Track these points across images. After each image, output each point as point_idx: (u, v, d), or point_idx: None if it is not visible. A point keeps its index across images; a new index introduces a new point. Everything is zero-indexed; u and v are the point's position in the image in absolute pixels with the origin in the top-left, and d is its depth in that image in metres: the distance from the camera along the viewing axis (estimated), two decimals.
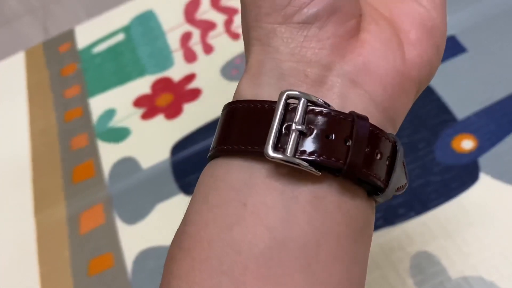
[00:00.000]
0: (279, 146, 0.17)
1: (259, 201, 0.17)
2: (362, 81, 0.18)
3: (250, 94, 0.19)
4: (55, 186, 0.49)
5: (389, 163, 0.18)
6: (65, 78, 0.58)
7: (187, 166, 0.46)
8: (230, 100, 0.20)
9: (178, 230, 0.19)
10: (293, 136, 0.17)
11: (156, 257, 0.42)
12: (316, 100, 0.17)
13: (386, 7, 0.20)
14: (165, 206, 0.44)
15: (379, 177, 0.18)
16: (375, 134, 0.18)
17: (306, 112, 0.17)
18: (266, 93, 0.18)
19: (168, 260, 0.19)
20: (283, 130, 0.17)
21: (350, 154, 0.17)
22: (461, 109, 0.42)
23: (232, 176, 0.18)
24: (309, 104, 0.17)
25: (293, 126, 0.17)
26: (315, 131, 0.17)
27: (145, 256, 0.42)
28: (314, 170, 0.17)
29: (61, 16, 0.66)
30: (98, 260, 0.43)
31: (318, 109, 0.17)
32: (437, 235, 0.36)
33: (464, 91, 0.43)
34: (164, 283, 0.18)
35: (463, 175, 0.38)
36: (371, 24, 0.19)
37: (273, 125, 0.17)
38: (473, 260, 0.34)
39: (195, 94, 0.51)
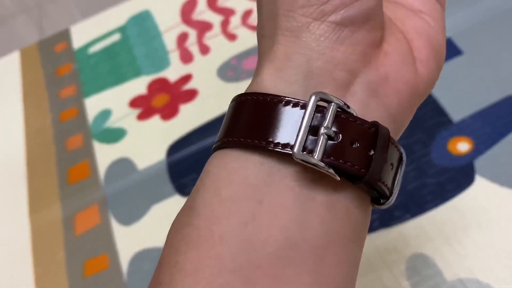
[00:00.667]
0: (304, 147, 0.17)
1: (275, 200, 0.17)
2: (381, 92, 0.18)
3: (274, 87, 0.18)
4: (50, 187, 0.48)
5: (394, 171, 0.19)
6: (60, 78, 0.58)
7: (183, 167, 0.46)
8: (227, 101, 0.20)
9: (180, 220, 0.18)
10: (321, 139, 0.17)
11: (151, 258, 0.41)
12: (345, 107, 0.17)
13: (399, 20, 0.21)
14: (161, 207, 0.44)
15: (388, 186, 0.18)
16: (391, 146, 0.18)
17: (335, 116, 0.17)
18: (291, 90, 0.18)
19: (171, 252, 0.18)
20: (310, 131, 0.17)
21: (373, 164, 0.17)
22: (457, 111, 0.42)
23: (250, 171, 0.17)
24: (337, 109, 0.17)
25: (322, 130, 0.17)
26: (342, 137, 0.17)
27: (140, 257, 0.42)
28: (336, 175, 0.17)
29: (56, 16, 0.66)
30: (93, 261, 0.43)
31: (346, 115, 0.17)
32: (432, 237, 0.36)
33: (460, 93, 0.43)
34: (164, 276, 0.17)
35: (459, 177, 0.38)
36: (391, 36, 0.19)
37: (302, 125, 0.17)
38: (468, 262, 0.35)
39: (191, 94, 0.51)
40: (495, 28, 0.46)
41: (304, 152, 0.17)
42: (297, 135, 0.17)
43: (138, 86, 0.54)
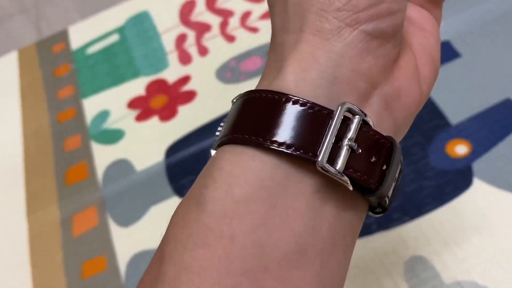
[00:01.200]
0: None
1: (289, 205, 0.17)
2: (393, 105, 0.19)
3: (296, 88, 0.17)
4: (48, 188, 0.48)
5: (395, 184, 0.19)
6: (58, 79, 0.58)
7: (182, 168, 0.46)
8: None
9: (186, 215, 0.18)
10: (344, 151, 0.17)
11: (149, 260, 0.41)
12: (368, 120, 0.17)
13: (409, 37, 0.21)
14: (159, 209, 0.44)
15: (389, 198, 0.19)
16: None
17: (359, 129, 0.17)
18: (314, 93, 0.17)
19: (177, 247, 0.17)
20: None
21: (387, 180, 0.17)
22: (455, 114, 0.42)
23: (265, 173, 0.17)
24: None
25: (346, 141, 0.17)
26: (361, 150, 0.17)
27: (138, 259, 0.42)
28: (350, 186, 0.17)
29: (54, 16, 0.66)
30: (91, 263, 0.43)
31: (367, 129, 0.17)
32: (431, 239, 0.36)
33: (458, 96, 0.43)
34: (167, 270, 0.17)
35: (457, 180, 0.38)
36: (404, 52, 0.20)
37: (328, 135, 0.17)
38: (466, 265, 0.35)
39: (190, 96, 0.51)
40: (493, 31, 0.46)
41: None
42: (323, 144, 0.17)
43: (137, 87, 0.54)
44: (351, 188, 0.17)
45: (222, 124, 0.20)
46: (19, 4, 0.69)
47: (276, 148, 0.17)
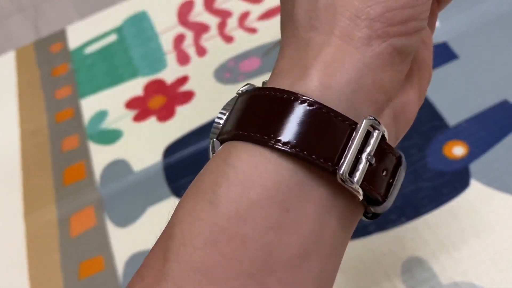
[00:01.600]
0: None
1: (300, 211, 0.17)
2: (400, 118, 0.19)
3: (321, 94, 0.17)
4: (45, 188, 0.48)
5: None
6: (56, 79, 0.58)
7: (180, 169, 0.46)
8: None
9: (195, 212, 0.17)
10: (363, 164, 0.17)
11: None
12: (385, 135, 0.18)
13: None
14: (156, 209, 0.44)
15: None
16: None
17: (378, 145, 0.17)
18: (337, 100, 0.17)
19: (184, 245, 0.17)
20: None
21: (393, 193, 0.18)
22: (453, 115, 0.42)
23: (283, 178, 0.17)
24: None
25: (365, 155, 0.17)
26: (377, 165, 0.17)
27: (136, 259, 0.42)
28: (361, 197, 0.17)
29: (52, 16, 0.66)
30: (88, 263, 0.43)
31: (384, 143, 0.18)
32: (428, 240, 0.36)
33: (455, 97, 0.43)
34: (170, 269, 0.17)
35: (454, 181, 0.39)
36: (412, 64, 0.20)
37: (352, 148, 0.17)
38: (463, 266, 0.35)
39: (188, 96, 0.51)
40: (491, 32, 0.46)
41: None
42: (345, 157, 0.17)
43: (135, 87, 0.54)
44: (360, 197, 0.17)
45: (223, 111, 0.19)
46: (17, 3, 0.69)
47: (296, 153, 0.17)
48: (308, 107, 0.17)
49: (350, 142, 0.17)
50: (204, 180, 0.18)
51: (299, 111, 0.17)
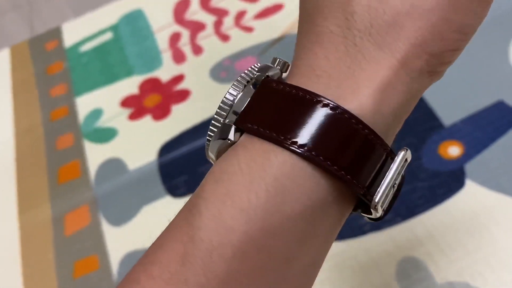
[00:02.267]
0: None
1: (322, 225, 0.17)
2: (391, 134, 0.19)
3: (370, 115, 0.17)
4: (39, 187, 0.48)
5: None
6: (51, 77, 0.57)
7: (175, 168, 0.46)
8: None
9: (226, 218, 0.16)
10: (386, 187, 0.17)
11: None
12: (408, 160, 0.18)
13: None
14: (151, 208, 0.44)
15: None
16: None
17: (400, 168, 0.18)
18: (380, 126, 0.17)
19: (207, 249, 0.16)
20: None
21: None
22: (448, 115, 0.42)
23: (307, 189, 0.16)
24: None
25: (392, 182, 0.17)
26: (394, 186, 0.18)
27: (130, 258, 0.42)
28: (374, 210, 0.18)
29: (48, 13, 0.65)
30: (83, 262, 0.42)
31: (403, 169, 0.18)
32: (423, 240, 0.36)
33: (451, 97, 0.43)
34: (191, 273, 0.16)
35: (449, 181, 0.39)
36: None
37: (388, 177, 0.17)
38: (458, 266, 0.35)
39: (183, 95, 0.51)
40: (488, 33, 0.46)
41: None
42: (381, 186, 0.17)
43: (130, 85, 0.53)
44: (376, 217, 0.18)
45: (231, 92, 0.18)
46: (12, 1, 0.68)
47: (342, 177, 0.16)
48: (361, 131, 0.16)
49: (388, 172, 0.17)
50: (230, 178, 0.17)
51: (348, 130, 0.16)
